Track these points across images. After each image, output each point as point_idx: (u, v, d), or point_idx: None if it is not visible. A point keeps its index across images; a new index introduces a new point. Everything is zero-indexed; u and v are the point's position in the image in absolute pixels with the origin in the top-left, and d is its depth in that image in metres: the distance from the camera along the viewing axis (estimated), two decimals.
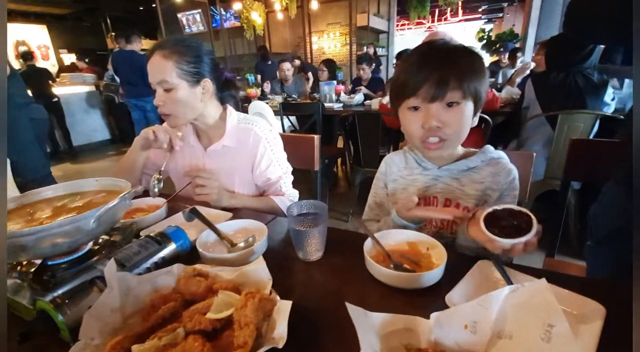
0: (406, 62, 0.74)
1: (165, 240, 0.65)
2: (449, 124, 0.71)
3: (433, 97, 0.69)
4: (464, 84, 0.68)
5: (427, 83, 0.68)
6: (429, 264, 0.62)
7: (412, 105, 0.73)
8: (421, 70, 0.70)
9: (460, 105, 0.70)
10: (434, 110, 0.70)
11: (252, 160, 1.10)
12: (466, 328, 0.40)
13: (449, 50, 0.71)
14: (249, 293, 0.45)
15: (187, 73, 0.95)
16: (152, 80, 0.96)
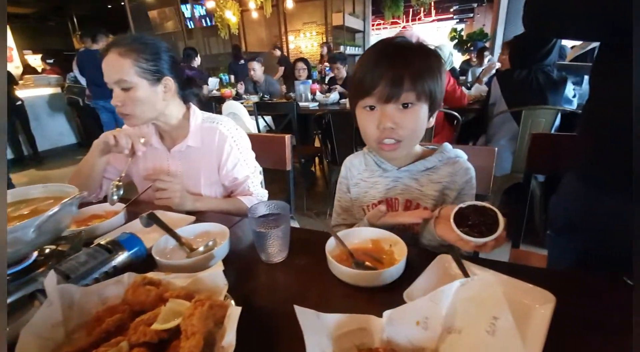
0: (362, 60, 0.73)
1: (117, 248, 0.62)
2: (403, 125, 0.70)
3: (388, 97, 0.68)
4: (418, 85, 0.68)
5: (382, 82, 0.68)
6: (392, 261, 0.62)
7: (367, 105, 0.72)
8: (376, 69, 0.69)
9: (415, 107, 0.70)
10: (389, 111, 0.70)
11: (219, 160, 1.07)
12: (418, 325, 0.39)
13: (404, 48, 0.70)
14: (198, 301, 0.43)
15: (147, 71, 0.92)
16: (108, 80, 0.92)
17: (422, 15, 10.25)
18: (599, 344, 0.44)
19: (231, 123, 1.13)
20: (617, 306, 0.50)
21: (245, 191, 1.12)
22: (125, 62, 0.89)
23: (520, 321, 0.44)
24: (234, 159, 1.08)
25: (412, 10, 9.42)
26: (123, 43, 0.91)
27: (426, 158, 0.80)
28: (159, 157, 1.10)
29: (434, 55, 0.72)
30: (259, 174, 1.17)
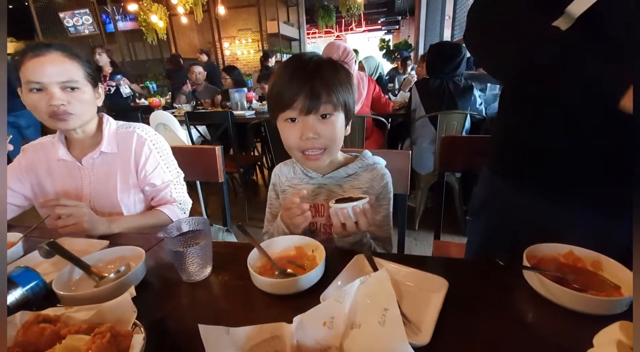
0: (279, 75, 0.76)
1: (9, 285, 0.54)
2: (324, 134, 0.75)
3: (308, 109, 0.72)
4: (334, 97, 0.73)
5: (301, 96, 0.71)
6: (314, 266, 0.64)
7: (289, 117, 0.75)
8: (293, 83, 0.72)
9: (333, 117, 0.75)
10: (310, 122, 0.73)
11: (137, 163, 1.03)
12: (325, 325, 0.42)
13: (317, 63, 0.75)
14: (97, 333, 0.40)
15: (90, 76, 0.96)
16: (49, 79, 0.88)
17: (354, 25, 10.81)
18: (484, 316, 0.52)
19: (149, 128, 1.10)
20: (496, 285, 0.59)
21: (166, 198, 1.08)
22: (74, 64, 0.92)
23: (421, 305, 0.50)
24: (154, 161, 1.05)
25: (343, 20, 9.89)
26: (64, 48, 0.93)
27: (348, 165, 0.86)
28: (69, 170, 1.01)
29: (343, 68, 0.77)
30: (182, 181, 1.13)
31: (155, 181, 1.05)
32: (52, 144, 1.02)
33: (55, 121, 0.92)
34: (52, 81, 0.88)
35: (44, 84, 0.88)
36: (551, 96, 0.59)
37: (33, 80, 0.87)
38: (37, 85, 0.88)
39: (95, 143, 1.01)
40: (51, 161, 1.02)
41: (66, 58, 0.91)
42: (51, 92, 0.88)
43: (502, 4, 0.60)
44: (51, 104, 0.88)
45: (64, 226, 0.80)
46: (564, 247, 0.60)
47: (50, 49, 0.89)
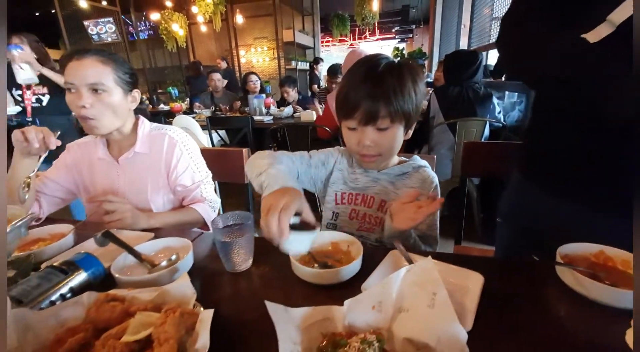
0: (348, 78, 0.82)
1: (73, 269, 0.59)
2: (380, 143, 0.81)
3: (366, 122, 0.78)
4: (392, 112, 0.77)
5: (360, 109, 0.77)
6: (350, 260, 0.67)
7: (349, 127, 0.82)
8: (356, 94, 0.77)
9: (391, 129, 0.80)
10: (367, 132, 0.80)
11: (168, 165, 1.08)
12: (374, 309, 0.45)
13: (381, 74, 0.77)
14: (168, 309, 0.44)
15: (123, 81, 1.00)
16: (79, 82, 0.94)
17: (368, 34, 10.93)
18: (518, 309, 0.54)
19: (180, 130, 1.15)
20: (529, 281, 0.62)
21: (197, 197, 1.12)
22: (106, 68, 0.96)
23: (457, 299, 0.53)
24: (185, 163, 1.09)
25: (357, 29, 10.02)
26: (102, 53, 0.98)
27: (402, 164, 0.91)
28: (107, 169, 1.08)
29: (409, 72, 0.79)
30: (211, 181, 1.18)
31: (186, 181, 1.10)
32: (95, 144, 1.09)
33: (82, 123, 0.99)
34: (82, 83, 0.94)
35: (76, 85, 0.94)
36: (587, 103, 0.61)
37: (68, 80, 0.95)
38: (71, 85, 0.95)
39: (130, 144, 1.07)
40: (92, 159, 1.09)
41: (99, 62, 0.96)
42: (80, 93, 0.94)
43: (538, 10, 0.63)
44: (77, 105, 0.94)
45: (110, 221, 0.86)
46: (594, 247, 0.62)
47: (88, 53, 0.96)
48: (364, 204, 0.92)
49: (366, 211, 0.92)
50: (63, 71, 0.96)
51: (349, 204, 0.94)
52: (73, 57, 0.95)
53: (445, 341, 0.39)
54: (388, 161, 0.91)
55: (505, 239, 0.89)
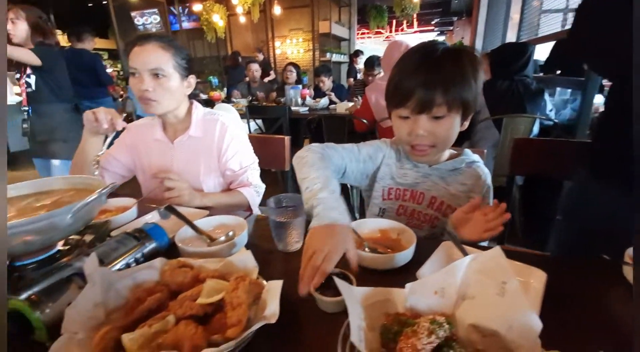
0: (401, 65, 0.79)
1: (144, 236, 0.64)
2: (434, 133, 0.77)
3: (420, 110, 0.74)
4: (449, 99, 0.73)
5: (415, 97, 0.73)
6: (400, 248, 0.67)
7: (401, 115, 0.79)
8: (410, 81, 0.74)
9: (447, 118, 0.75)
10: (421, 121, 0.76)
11: (219, 149, 1.13)
12: (436, 294, 0.45)
13: (438, 60, 0.74)
14: (239, 277, 0.47)
15: (180, 66, 1.04)
16: (142, 67, 0.99)
17: (405, 26, 10.61)
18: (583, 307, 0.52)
19: (231, 116, 1.20)
20: (593, 280, 0.59)
21: (244, 182, 1.16)
22: (166, 54, 1.00)
23: None
24: (234, 149, 1.14)
25: (395, 21, 9.74)
26: (163, 39, 1.02)
27: (454, 159, 0.87)
28: (162, 149, 1.14)
29: (468, 59, 0.75)
30: (257, 166, 1.22)
31: (235, 166, 1.14)
32: (152, 125, 1.16)
33: (142, 104, 1.04)
34: (144, 68, 0.99)
35: (138, 70, 1.00)
36: None
37: (131, 66, 1.00)
38: (134, 70, 1.00)
39: (185, 127, 1.13)
40: (149, 140, 1.16)
41: (160, 48, 1.00)
42: (142, 78, 1.00)
43: None
44: (140, 89, 1.00)
45: (169, 197, 0.92)
46: None
47: (150, 39, 1.01)
48: (413, 200, 0.90)
49: (415, 207, 0.90)
50: (127, 57, 1.03)
51: (396, 200, 0.91)
52: (136, 43, 1.01)
53: (518, 329, 0.38)
54: (440, 155, 0.87)
55: (566, 238, 0.85)
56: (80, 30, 3.61)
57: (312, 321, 0.52)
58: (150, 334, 0.43)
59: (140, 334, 0.43)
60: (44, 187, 0.69)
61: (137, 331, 0.43)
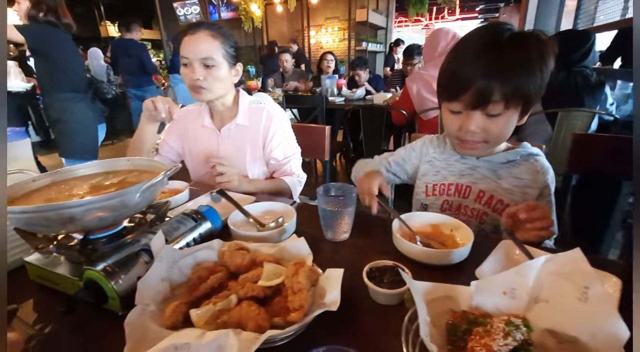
0: (456, 55, 0.72)
1: (200, 218, 0.67)
2: (488, 130, 0.71)
3: (475, 106, 0.69)
4: (508, 96, 0.66)
5: (471, 90, 0.67)
6: (454, 244, 0.65)
7: (453, 110, 0.74)
8: (468, 71, 0.67)
9: (503, 116, 0.69)
10: (474, 118, 0.70)
11: (264, 138, 1.14)
12: (505, 294, 0.43)
13: (502, 47, 0.66)
14: (297, 263, 0.48)
15: (229, 55, 1.05)
16: (194, 56, 1.01)
17: (446, 13, 10.10)
18: None
19: (276, 105, 1.20)
20: None
21: (287, 171, 1.18)
22: (215, 43, 1.01)
23: None
24: (279, 138, 1.15)
25: (436, 8, 9.29)
26: (212, 27, 1.03)
27: (508, 151, 0.80)
28: (209, 137, 1.17)
29: (536, 45, 0.66)
30: (299, 156, 1.23)
31: (279, 155, 1.15)
32: (199, 112, 1.19)
33: (193, 92, 1.07)
34: (195, 58, 1.01)
35: (190, 59, 1.01)
36: None
37: (183, 55, 1.02)
38: (185, 60, 1.02)
39: (232, 115, 1.15)
40: (197, 127, 1.20)
41: (210, 37, 1.01)
42: (193, 67, 1.01)
43: None
44: (191, 78, 1.02)
45: (220, 182, 0.95)
46: None
47: (200, 28, 1.02)
48: (459, 195, 0.86)
49: (461, 202, 0.85)
50: (179, 46, 1.06)
51: (440, 195, 0.88)
52: (187, 32, 1.03)
53: (603, 338, 0.35)
54: (493, 149, 0.81)
55: None
56: (129, 21, 3.80)
57: (365, 311, 0.51)
58: (215, 311, 0.44)
59: (207, 310, 0.44)
60: (110, 167, 0.73)
61: (203, 307, 0.45)
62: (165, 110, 0.98)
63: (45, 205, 0.50)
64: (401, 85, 3.23)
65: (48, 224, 0.51)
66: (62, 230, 0.56)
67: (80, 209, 0.51)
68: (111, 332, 0.47)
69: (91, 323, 0.52)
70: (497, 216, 0.82)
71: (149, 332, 0.42)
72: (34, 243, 0.59)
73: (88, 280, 0.51)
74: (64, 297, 0.55)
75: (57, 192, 0.64)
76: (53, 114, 2.05)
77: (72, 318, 0.52)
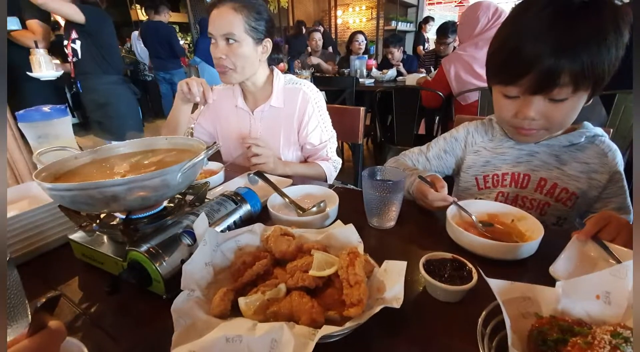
0: (508, 32, 0.62)
1: (240, 200, 0.64)
2: (550, 117, 0.62)
3: (536, 91, 0.59)
4: (579, 77, 0.56)
5: (532, 73, 0.57)
6: (520, 236, 0.58)
7: (509, 95, 0.64)
8: (528, 50, 0.57)
9: (569, 101, 0.60)
10: (534, 103, 0.61)
11: (300, 121, 1.08)
12: (598, 298, 0.37)
13: (572, 18, 0.55)
14: (351, 253, 0.43)
15: (254, 30, 0.96)
16: (216, 32, 0.95)
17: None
18: None
19: (312, 86, 1.13)
20: None
21: (323, 156, 1.12)
22: (237, 17, 0.92)
23: None
24: (315, 121, 1.09)
25: None
26: (237, 0, 0.93)
27: (570, 133, 0.71)
28: (242, 118, 1.13)
29: (612, 15, 0.55)
30: (335, 141, 1.17)
31: (315, 140, 1.10)
32: (233, 92, 1.15)
33: (220, 75, 1.01)
34: (216, 34, 0.94)
35: (214, 35, 0.95)
36: None
37: (209, 31, 0.95)
38: (211, 36, 0.96)
39: (266, 96, 1.09)
40: (230, 107, 1.16)
41: (232, 10, 0.92)
42: (217, 44, 0.95)
43: None
44: (215, 56, 0.96)
45: (255, 163, 0.91)
46: None
47: (226, 0, 0.94)
48: (515, 185, 0.77)
49: (519, 193, 0.77)
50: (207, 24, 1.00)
51: (494, 188, 0.79)
52: (214, 6, 0.96)
53: None
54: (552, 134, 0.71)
55: None
56: (157, 3, 3.79)
57: (422, 307, 0.47)
58: (264, 301, 0.41)
59: (256, 299, 0.41)
60: (149, 146, 0.71)
61: (251, 295, 0.42)
62: (200, 94, 0.95)
63: (90, 183, 0.48)
64: (435, 67, 3.05)
65: (92, 202, 0.50)
66: (105, 208, 0.54)
67: (123, 188, 0.49)
68: (157, 316, 0.46)
69: (136, 305, 0.51)
70: (561, 206, 0.74)
71: (197, 320, 0.39)
72: (78, 221, 0.58)
73: (132, 261, 0.50)
74: (108, 277, 0.55)
75: (99, 170, 0.63)
76: (99, 98, 2.08)
77: (117, 299, 0.51)
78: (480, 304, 0.41)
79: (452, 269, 0.47)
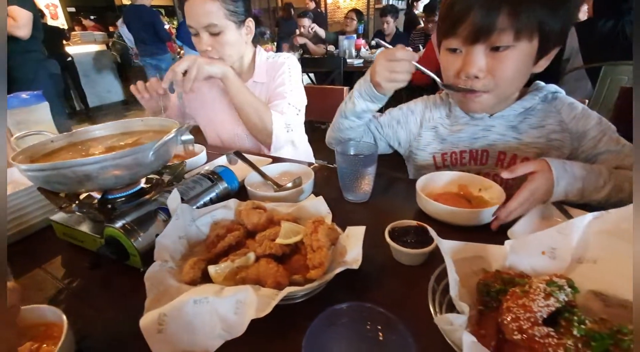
0: None
1: (217, 178, 0.65)
2: (493, 72, 0.58)
3: (475, 37, 0.56)
4: (521, 19, 0.53)
5: (469, 17, 0.55)
6: (483, 204, 0.61)
7: (450, 47, 0.61)
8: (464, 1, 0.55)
9: (511, 51, 0.56)
10: (475, 54, 0.57)
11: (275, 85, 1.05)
12: (544, 254, 0.39)
13: None
14: (316, 221, 0.45)
15: (234, 14, 0.93)
16: (196, 24, 0.91)
17: None
18: None
19: (293, 57, 1.10)
20: None
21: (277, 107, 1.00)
22: (214, 4, 0.89)
23: None
24: (281, 79, 1.02)
25: None
26: None
27: (522, 98, 0.68)
28: (228, 100, 1.11)
29: None
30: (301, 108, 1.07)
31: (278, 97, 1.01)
32: None
33: None
34: (197, 26, 0.91)
35: (195, 28, 0.91)
36: None
37: (188, 24, 0.91)
38: (192, 29, 0.92)
39: (249, 74, 1.07)
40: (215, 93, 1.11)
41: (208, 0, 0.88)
42: (200, 36, 0.92)
43: None
44: (200, 49, 0.94)
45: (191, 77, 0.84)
46: None
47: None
48: (475, 162, 0.74)
49: (481, 169, 0.74)
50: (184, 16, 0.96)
51: (453, 166, 0.76)
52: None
53: None
54: (504, 103, 0.68)
55: None
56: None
57: (388, 271, 0.49)
58: (234, 268, 0.43)
59: (225, 266, 0.44)
60: (125, 128, 0.72)
61: (221, 263, 0.44)
62: None
63: (61, 162, 0.49)
64: (424, 46, 3.01)
65: (65, 182, 0.51)
66: (80, 188, 0.55)
67: (95, 166, 0.51)
68: (136, 288, 0.47)
69: (116, 279, 0.53)
70: None
71: (169, 287, 0.41)
72: (57, 202, 0.59)
73: (108, 237, 0.52)
74: (89, 254, 0.57)
75: (75, 152, 0.64)
76: None
77: (98, 274, 0.53)
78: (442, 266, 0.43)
79: (415, 234, 0.50)
